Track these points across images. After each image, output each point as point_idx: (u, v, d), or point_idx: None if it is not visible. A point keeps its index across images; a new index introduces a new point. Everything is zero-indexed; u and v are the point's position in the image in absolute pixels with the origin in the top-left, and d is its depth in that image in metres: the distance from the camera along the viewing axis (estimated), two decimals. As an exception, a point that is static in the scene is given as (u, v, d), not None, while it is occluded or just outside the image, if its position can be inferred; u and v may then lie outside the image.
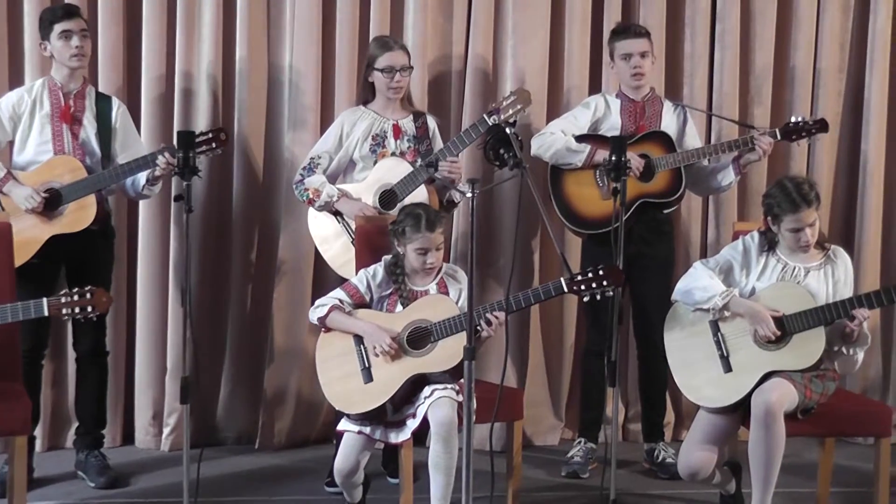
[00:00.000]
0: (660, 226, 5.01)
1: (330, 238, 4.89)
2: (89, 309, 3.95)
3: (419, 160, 4.82)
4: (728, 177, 4.99)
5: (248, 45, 5.33)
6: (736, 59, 5.54)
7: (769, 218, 4.28)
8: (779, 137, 4.89)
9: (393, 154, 4.88)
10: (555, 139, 4.97)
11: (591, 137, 4.99)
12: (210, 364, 5.38)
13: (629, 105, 5.04)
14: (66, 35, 4.72)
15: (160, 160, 4.56)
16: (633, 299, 5.11)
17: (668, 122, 5.05)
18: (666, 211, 5.02)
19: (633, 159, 4.76)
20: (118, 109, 4.85)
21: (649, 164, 4.87)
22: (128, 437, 5.43)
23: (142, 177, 4.72)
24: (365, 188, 4.85)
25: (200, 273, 5.33)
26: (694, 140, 5.06)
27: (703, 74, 5.55)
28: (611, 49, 5.06)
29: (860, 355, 4.24)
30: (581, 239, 5.18)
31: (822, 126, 4.91)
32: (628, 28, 5.06)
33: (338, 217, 4.86)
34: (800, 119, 4.91)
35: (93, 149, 4.76)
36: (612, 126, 5.02)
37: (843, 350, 4.20)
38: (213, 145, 4.49)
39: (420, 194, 4.76)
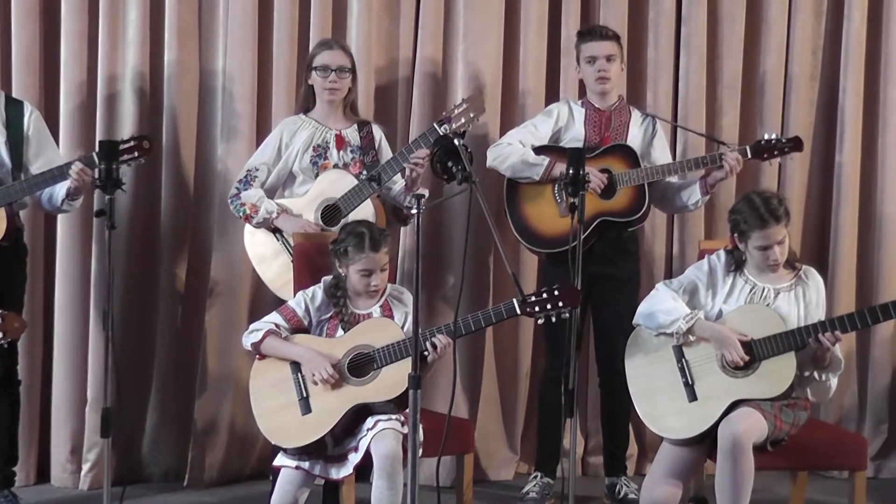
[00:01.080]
0: (623, 244, 5.03)
1: (268, 257, 4.88)
2: (0, 335, 3.90)
3: (364, 172, 4.83)
4: (694, 195, 5.02)
5: (177, 48, 5.30)
6: (703, 65, 5.59)
7: (736, 235, 4.32)
8: (749, 156, 4.92)
9: (335, 166, 4.88)
10: (511, 150, 4.98)
11: (551, 149, 5.00)
12: (135, 394, 5.33)
13: (594, 115, 5.06)
14: None
15: (73, 169, 4.50)
16: (595, 322, 5.13)
17: (636, 134, 5.07)
18: (630, 229, 5.04)
19: (594, 175, 4.78)
20: (31, 115, 4.79)
21: (611, 181, 4.89)
22: (43, 474, 5.36)
23: (60, 190, 4.66)
24: (306, 203, 4.84)
25: (124, 295, 5.28)
26: (662, 155, 5.08)
27: (667, 81, 5.60)
28: (577, 52, 5.08)
29: (833, 381, 4.28)
30: (539, 258, 5.20)
31: (795, 145, 4.95)
32: (594, 30, 5.09)
33: (277, 234, 4.85)
34: (772, 137, 4.94)
35: (2, 159, 4.70)
36: (575, 137, 5.04)
37: (815, 375, 4.23)
38: (136, 154, 4.46)
39: (366, 210, 4.76)
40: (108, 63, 5.27)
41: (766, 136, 4.95)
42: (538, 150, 4.99)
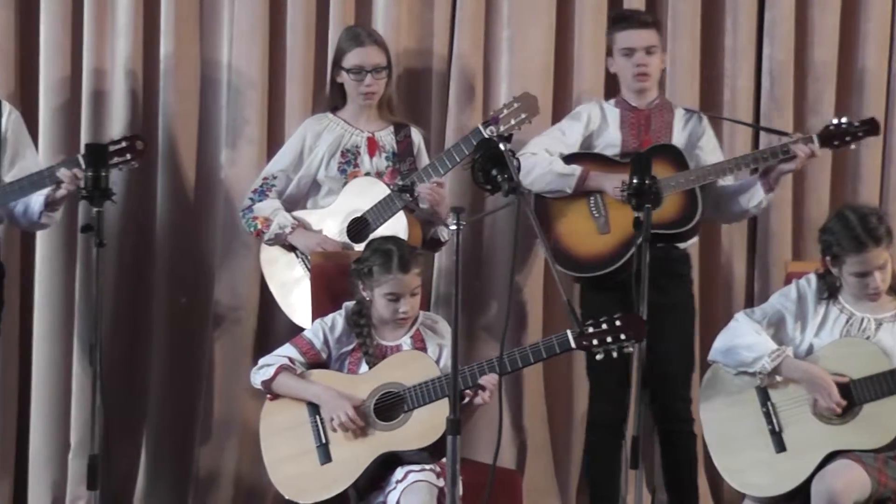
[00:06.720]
0: (674, 265, 5.00)
1: (289, 281, 4.91)
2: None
3: (399, 182, 4.85)
4: (756, 196, 4.95)
5: (174, 37, 5.35)
6: (790, 57, 5.57)
7: (828, 258, 4.31)
8: (817, 144, 4.91)
9: (367, 175, 4.90)
10: (537, 161, 4.94)
11: (582, 157, 4.98)
12: (126, 439, 5.37)
13: (631, 115, 5.05)
14: None
15: (63, 173, 4.50)
16: (648, 361, 5.09)
17: (680, 135, 5.05)
18: (682, 245, 5.03)
19: None
20: (9, 115, 4.80)
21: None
22: (18, 530, 5.41)
23: (37, 200, 4.66)
24: (330, 215, 4.87)
25: (114, 323, 5.33)
26: (713, 157, 5.04)
27: (748, 75, 5.58)
28: (609, 42, 5.05)
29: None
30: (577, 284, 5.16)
31: (871, 128, 4.93)
32: (632, 16, 5.08)
33: (297, 253, 4.87)
34: (843, 121, 4.92)
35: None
36: (610, 142, 5.02)
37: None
38: (128, 156, 4.50)
39: (398, 224, 4.77)
40: (95, 56, 5.32)
41: (834, 121, 4.92)
42: (568, 159, 4.98)
